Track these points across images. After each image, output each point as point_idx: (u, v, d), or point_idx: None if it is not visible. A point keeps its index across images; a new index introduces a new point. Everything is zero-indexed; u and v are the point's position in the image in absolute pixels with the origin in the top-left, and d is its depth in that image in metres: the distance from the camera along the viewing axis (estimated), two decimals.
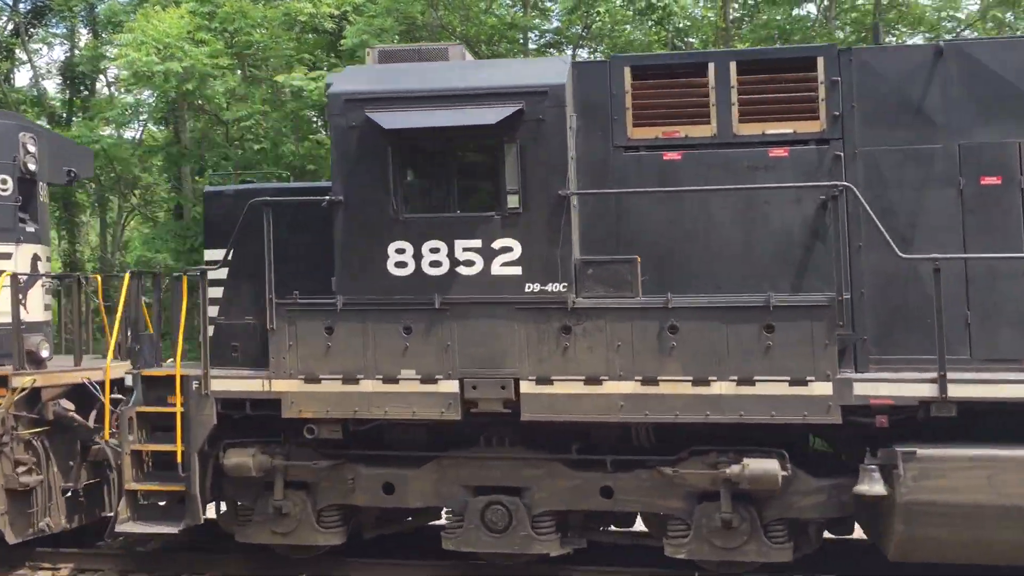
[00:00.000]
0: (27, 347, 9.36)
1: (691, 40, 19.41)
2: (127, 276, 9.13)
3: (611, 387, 7.96)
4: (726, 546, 8.05)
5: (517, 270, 8.09)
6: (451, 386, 8.15)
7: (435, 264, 8.20)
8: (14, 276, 9.27)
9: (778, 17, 19.60)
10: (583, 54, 20.91)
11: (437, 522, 9.37)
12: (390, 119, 8.08)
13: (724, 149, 8.32)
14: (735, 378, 7.79)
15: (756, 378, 7.77)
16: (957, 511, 7.51)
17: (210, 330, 9.17)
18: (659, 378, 7.90)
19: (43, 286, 10.37)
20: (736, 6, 19.89)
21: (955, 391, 7.53)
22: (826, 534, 8.54)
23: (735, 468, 7.88)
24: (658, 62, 8.75)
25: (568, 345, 8.01)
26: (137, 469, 8.86)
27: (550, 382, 8.02)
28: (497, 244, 8.12)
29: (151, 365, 9.20)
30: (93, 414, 9.70)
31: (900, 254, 7.67)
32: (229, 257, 8.62)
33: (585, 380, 7.98)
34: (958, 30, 19.04)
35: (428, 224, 8.23)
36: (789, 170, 8.22)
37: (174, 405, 8.83)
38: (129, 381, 8.99)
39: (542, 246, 8.06)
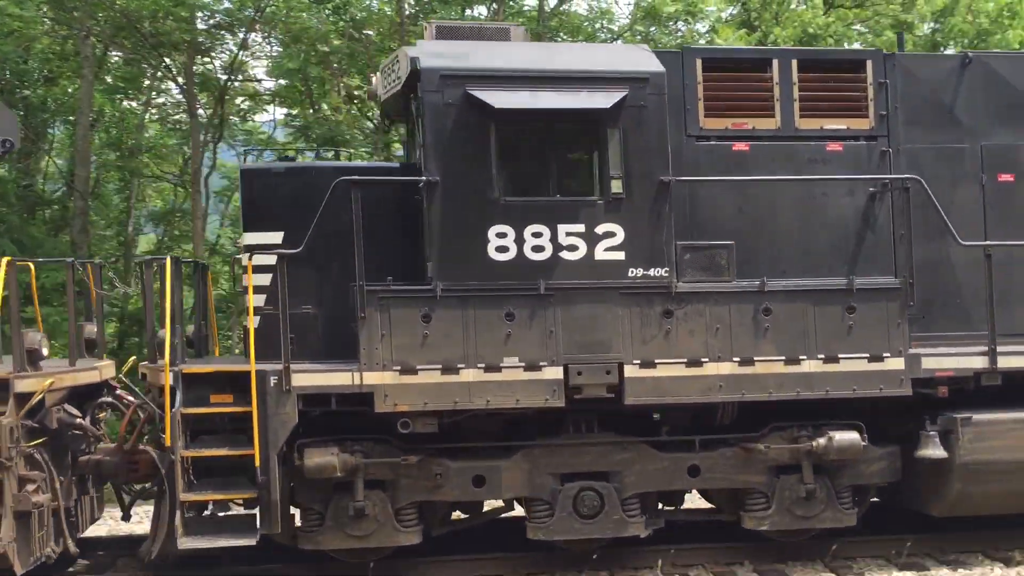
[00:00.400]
0: (28, 345, 8.00)
1: (368, 33, 19.25)
2: (168, 261, 8.06)
3: (711, 368, 8.22)
4: (806, 515, 8.58)
5: (620, 255, 8.12)
6: (556, 372, 8.03)
7: (538, 249, 8.03)
8: (12, 262, 7.89)
9: (452, 15, 19.56)
10: (256, 38, 20.33)
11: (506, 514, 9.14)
12: (499, 98, 7.81)
13: (787, 142, 8.82)
14: (822, 356, 8.34)
15: (840, 356, 8.36)
16: (1004, 468, 8.53)
17: (256, 320, 8.41)
18: (755, 358, 8.27)
19: None
20: (412, 2, 19.95)
21: (1003, 362, 8.55)
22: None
23: (821, 441, 8.42)
24: (727, 56, 9.13)
25: (670, 329, 8.17)
26: (183, 479, 7.90)
27: (653, 365, 8.14)
28: (600, 229, 8.10)
29: (183, 361, 8.24)
30: (87, 420, 8.51)
31: (960, 241, 8.59)
32: (306, 239, 7.89)
33: (687, 363, 8.19)
34: (611, 39, 20.11)
35: (530, 208, 8.05)
36: (843, 164, 8.88)
37: (219, 404, 8.03)
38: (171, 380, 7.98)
39: (645, 231, 8.15)
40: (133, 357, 9.92)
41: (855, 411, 8.70)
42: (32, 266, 8.20)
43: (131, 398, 9.06)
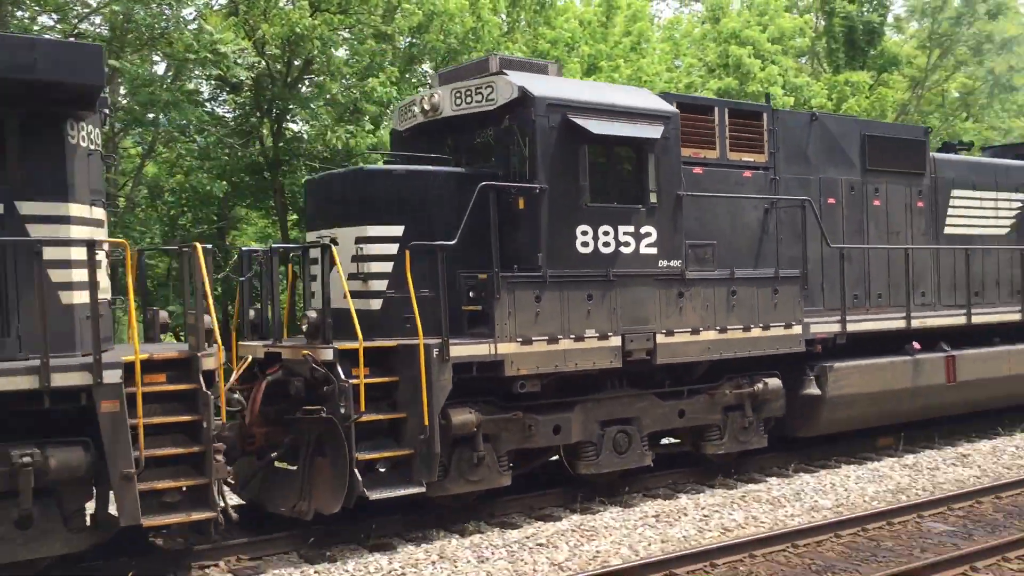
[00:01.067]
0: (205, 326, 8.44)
1: None
2: (328, 249, 8.91)
3: (704, 336, 11.13)
4: (744, 440, 11.83)
5: (655, 250, 10.69)
6: (617, 341, 10.39)
7: (606, 244, 10.32)
8: (211, 250, 8.32)
9: None
10: None
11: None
12: (594, 125, 9.98)
13: (723, 168, 11.98)
14: (762, 325, 11.65)
15: (771, 324, 11.74)
16: (852, 399, 12.56)
17: (378, 303, 9.63)
18: (727, 327, 11.34)
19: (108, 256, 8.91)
20: None
21: (849, 327, 12.58)
22: None
23: (760, 386, 11.72)
24: (690, 101, 12.00)
25: (682, 306, 10.92)
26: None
27: (673, 334, 10.84)
28: (643, 230, 10.61)
29: (329, 340, 9.19)
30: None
31: (830, 245, 12.42)
32: (459, 234, 9.36)
33: (691, 331, 11.00)
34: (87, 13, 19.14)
35: (602, 212, 10.30)
36: (752, 187, 12.27)
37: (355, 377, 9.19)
38: (330, 356, 8.96)
39: (669, 232, 10.80)
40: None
41: (763, 365, 12.12)
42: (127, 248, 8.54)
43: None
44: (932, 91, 35.42)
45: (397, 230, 9.64)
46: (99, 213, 8.33)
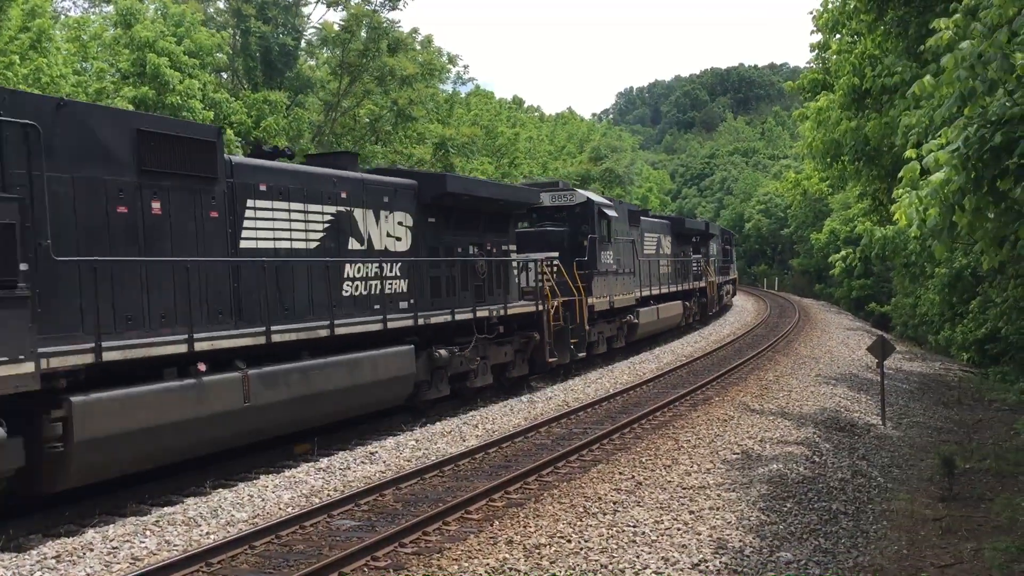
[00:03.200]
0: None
1: None
2: (552, 262, 23.00)
3: (628, 295, 26.96)
4: (621, 342, 27.87)
5: (612, 261, 26.27)
6: (608, 298, 25.80)
7: (605, 259, 25.68)
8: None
9: None
10: None
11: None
12: (608, 211, 25.42)
13: None
14: (626, 292, 27.84)
15: (628, 293, 27.98)
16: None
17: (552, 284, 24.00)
18: (622, 294, 27.32)
19: None
20: None
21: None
22: None
23: (630, 317, 27.84)
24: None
25: (618, 283, 26.68)
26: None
27: (617, 295, 26.51)
28: (610, 252, 26.14)
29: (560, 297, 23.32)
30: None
31: (638, 258, 29.09)
32: (587, 254, 24.05)
33: (623, 295, 26.78)
34: None
35: (605, 246, 25.63)
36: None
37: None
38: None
39: (613, 254, 26.45)
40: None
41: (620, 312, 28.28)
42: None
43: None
44: (345, 115, 36.16)
45: (556, 254, 23.95)
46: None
